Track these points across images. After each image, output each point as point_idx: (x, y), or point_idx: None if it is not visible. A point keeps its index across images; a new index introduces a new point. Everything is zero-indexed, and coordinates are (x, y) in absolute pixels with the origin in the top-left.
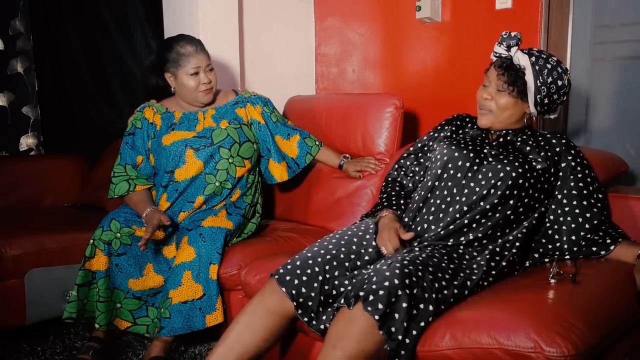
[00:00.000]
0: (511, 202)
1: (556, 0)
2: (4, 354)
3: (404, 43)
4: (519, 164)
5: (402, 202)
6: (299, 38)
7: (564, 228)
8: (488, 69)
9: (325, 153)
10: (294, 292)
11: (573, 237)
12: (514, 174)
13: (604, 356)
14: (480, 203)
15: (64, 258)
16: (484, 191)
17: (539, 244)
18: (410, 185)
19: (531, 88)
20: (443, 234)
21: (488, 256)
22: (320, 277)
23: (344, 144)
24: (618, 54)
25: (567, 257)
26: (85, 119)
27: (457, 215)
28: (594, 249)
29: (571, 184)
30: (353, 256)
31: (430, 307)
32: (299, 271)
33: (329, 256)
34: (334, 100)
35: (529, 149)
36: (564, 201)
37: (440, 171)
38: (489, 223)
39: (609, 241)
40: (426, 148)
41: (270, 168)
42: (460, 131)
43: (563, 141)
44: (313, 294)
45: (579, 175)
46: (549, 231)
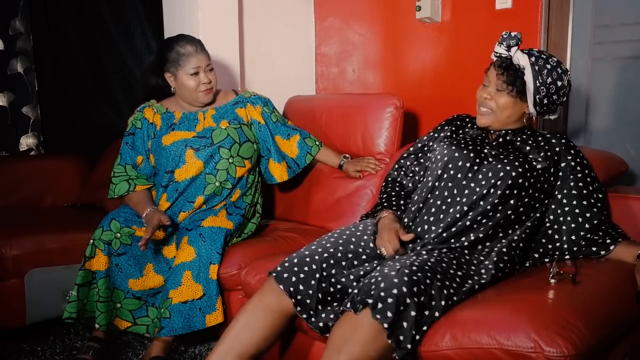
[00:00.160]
0: (511, 201)
1: (556, 0)
2: (4, 354)
3: (404, 43)
4: (519, 163)
5: (402, 203)
6: (298, 38)
7: (563, 228)
8: (488, 69)
9: (325, 153)
10: (291, 289)
11: (573, 237)
12: (514, 173)
13: (604, 356)
14: (481, 203)
15: (64, 258)
16: (484, 191)
17: (539, 244)
18: (410, 185)
19: (530, 88)
20: (443, 234)
21: (495, 259)
22: (317, 275)
23: (344, 144)
24: (618, 54)
25: (567, 257)
26: (85, 119)
27: (457, 215)
28: (593, 248)
29: (571, 183)
30: (351, 255)
31: (436, 314)
32: (296, 269)
33: (326, 254)
34: (334, 100)
35: (528, 148)
36: (564, 201)
37: (440, 171)
38: (489, 223)
39: (608, 241)
40: (426, 148)
41: (270, 168)
42: (460, 131)
43: (563, 141)
44: (311, 292)
45: (578, 175)
46: (549, 231)
